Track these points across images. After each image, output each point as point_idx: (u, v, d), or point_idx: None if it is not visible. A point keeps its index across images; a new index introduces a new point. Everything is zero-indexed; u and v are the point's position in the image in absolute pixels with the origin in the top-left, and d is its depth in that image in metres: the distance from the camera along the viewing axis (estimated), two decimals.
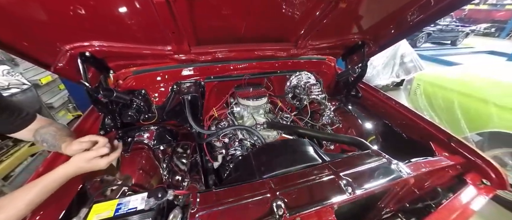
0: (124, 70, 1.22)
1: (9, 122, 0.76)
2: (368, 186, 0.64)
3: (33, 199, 0.56)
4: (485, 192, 0.79)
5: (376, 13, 1.11)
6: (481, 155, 0.87)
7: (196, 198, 0.60)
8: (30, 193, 0.57)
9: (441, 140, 1.00)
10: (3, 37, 0.65)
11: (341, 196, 0.61)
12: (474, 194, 0.79)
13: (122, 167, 1.00)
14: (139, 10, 0.75)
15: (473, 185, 0.82)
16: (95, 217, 0.60)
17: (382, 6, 1.07)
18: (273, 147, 0.94)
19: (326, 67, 1.69)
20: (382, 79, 3.63)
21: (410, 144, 1.16)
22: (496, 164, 0.84)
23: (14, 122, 0.77)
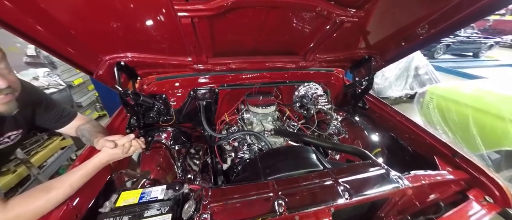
0: (148, 77, 1.37)
1: (56, 120, 0.91)
2: (365, 193, 0.70)
3: (76, 182, 0.69)
4: (488, 209, 0.80)
5: (382, 29, 1.17)
6: (486, 172, 0.88)
7: (208, 192, 0.69)
8: (74, 177, 0.69)
9: (445, 155, 1.01)
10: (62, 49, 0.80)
11: (338, 200, 0.66)
12: (476, 210, 0.80)
13: (142, 163, 1.13)
14: (167, 28, 0.88)
15: (475, 201, 0.83)
16: (123, 202, 0.71)
17: (388, 23, 1.12)
18: (278, 152, 1.02)
19: (335, 78, 1.75)
20: (394, 91, 3.57)
21: (415, 158, 1.18)
22: (501, 181, 0.85)
23: (60, 120, 0.92)
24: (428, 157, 1.08)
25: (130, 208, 0.69)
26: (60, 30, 0.76)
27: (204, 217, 0.59)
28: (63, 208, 0.67)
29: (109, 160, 0.76)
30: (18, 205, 0.58)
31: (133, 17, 0.81)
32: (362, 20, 0.95)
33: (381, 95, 3.46)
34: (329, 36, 1.10)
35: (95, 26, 0.82)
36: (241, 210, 0.63)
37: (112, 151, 0.75)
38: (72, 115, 0.96)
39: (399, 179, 0.76)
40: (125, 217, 0.66)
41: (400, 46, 1.23)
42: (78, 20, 0.78)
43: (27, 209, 0.59)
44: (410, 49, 1.25)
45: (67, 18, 0.75)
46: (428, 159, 1.08)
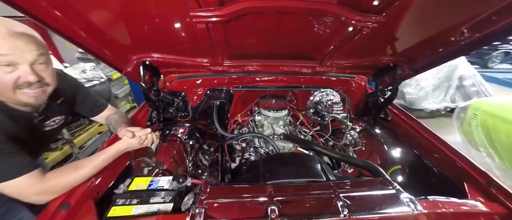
0: (171, 75, 1.50)
1: (91, 109, 1.06)
2: (367, 213, 0.65)
3: (99, 164, 0.79)
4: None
5: (410, 35, 1.07)
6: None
7: (207, 188, 0.72)
8: (97, 160, 0.80)
9: (478, 182, 0.88)
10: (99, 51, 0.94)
11: (335, 216, 0.63)
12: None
13: (158, 154, 1.23)
14: (186, 32, 0.96)
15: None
16: (135, 186, 0.79)
17: (417, 28, 1.01)
18: (282, 157, 1.01)
19: (355, 86, 1.65)
20: (431, 103, 3.19)
21: (442, 181, 1.04)
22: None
23: (94, 109, 1.07)
24: (457, 182, 0.95)
25: (139, 193, 0.77)
26: (99, 35, 0.89)
27: (198, 211, 0.62)
28: (88, 185, 0.78)
29: (127, 148, 0.86)
30: (53, 178, 0.70)
31: (157, 22, 0.89)
32: (383, 25, 0.89)
33: (413, 106, 3.13)
34: (346, 42, 1.05)
35: (126, 31, 0.93)
36: (234, 210, 0.65)
37: (130, 141, 0.85)
38: (104, 106, 1.11)
39: (410, 203, 0.69)
40: (134, 200, 0.74)
41: (432, 54, 1.10)
42: (112, 27, 0.90)
43: (59, 181, 0.70)
44: (445, 58, 1.11)
45: (104, 26, 0.88)
46: (456, 184, 0.95)
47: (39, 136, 0.84)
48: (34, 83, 0.66)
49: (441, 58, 1.09)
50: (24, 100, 0.68)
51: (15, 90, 0.65)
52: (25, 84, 0.65)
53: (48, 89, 0.73)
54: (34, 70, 0.66)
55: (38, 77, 0.67)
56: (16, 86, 0.64)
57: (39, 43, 0.69)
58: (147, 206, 0.72)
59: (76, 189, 0.75)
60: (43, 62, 0.69)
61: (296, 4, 0.80)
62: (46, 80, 0.70)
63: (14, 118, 0.71)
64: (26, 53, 0.64)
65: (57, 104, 0.88)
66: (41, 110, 0.80)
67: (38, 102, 0.72)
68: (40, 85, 0.69)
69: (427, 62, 1.15)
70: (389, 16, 0.83)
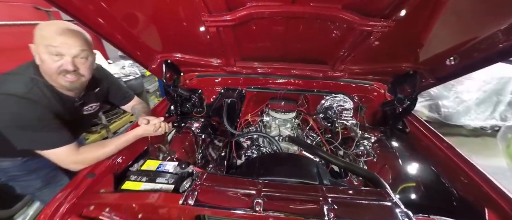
0: (190, 74, 1.64)
1: (121, 99, 1.25)
2: (353, 219, 0.64)
3: (120, 145, 0.94)
4: None
5: (432, 39, 0.98)
6: None
7: (204, 175, 0.80)
8: (119, 141, 0.94)
9: (501, 208, 0.77)
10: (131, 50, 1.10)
11: (319, 218, 0.64)
12: None
13: (172, 143, 1.37)
14: (201, 35, 1.06)
15: None
16: (146, 167, 0.92)
17: (441, 32, 0.93)
18: (279, 156, 1.03)
19: (373, 93, 1.56)
20: (473, 119, 2.78)
21: (460, 204, 0.93)
22: None
23: (123, 99, 1.26)
24: (476, 206, 0.84)
25: (148, 173, 0.88)
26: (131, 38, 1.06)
27: (191, 194, 0.70)
28: (110, 161, 0.93)
29: (143, 133, 0.99)
30: (85, 152, 0.86)
31: (175, 26, 1.02)
32: (395, 30, 0.85)
33: (450, 121, 2.76)
34: (356, 47, 1.03)
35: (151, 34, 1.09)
36: (222, 198, 0.71)
37: (145, 127, 0.98)
38: (131, 97, 1.29)
39: (405, 218, 0.65)
40: (144, 178, 0.86)
41: (459, 61, 0.99)
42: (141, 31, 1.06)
43: (89, 155, 0.86)
44: (476, 65, 0.99)
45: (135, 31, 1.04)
46: (476, 209, 0.84)
47: (79, 118, 1.04)
48: (71, 71, 0.82)
49: (468, 66, 0.97)
50: (62, 83, 0.85)
51: (58, 75, 0.82)
52: (64, 71, 0.82)
53: (82, 78, 0.89)
54: (74, 62, 0.82)
55: (74, 67, 0.83)
56: (59, 71, 0.81)
57: (85, 42, 0.86)
58: (153, 184, 0.83)
59: (101, 163, 0.90)
60: (84, 57, 0.85)
61: (300, 9, 0.83)
62: (81, 71, 0.86)
63: (61, 100, 0.90)
64: (72, 48, 0.81)
65: (94, 93, 1.07)
66: (81, 96, 0.98)
67: (73, 86, 0.89)
68: (75, 74, 0.85)
69: (452, 71, 1.04)
70: (399, 21, 0.80)
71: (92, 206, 0.76)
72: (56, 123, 0.83)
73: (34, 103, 0.79)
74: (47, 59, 0.79)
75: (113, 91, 1.20)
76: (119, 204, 0.77)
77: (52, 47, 0.78)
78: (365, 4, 0.77)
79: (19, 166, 1.04)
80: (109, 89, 1.17)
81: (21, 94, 0.77)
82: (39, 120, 0.79)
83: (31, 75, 0.83)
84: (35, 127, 0.78)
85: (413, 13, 0.79)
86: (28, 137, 0.79)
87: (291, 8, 0.83)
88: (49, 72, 0.82)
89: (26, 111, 0.77)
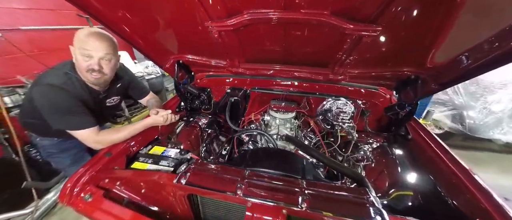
0: (201, 74, 1.79)
1: (139, 93, 1.44)
2: (325, 210, 0.68)
3: (132, 132, 1.09)
4: None
5: (432, 43, 0.96)
6: None
7: (198, 161, 0.90)
8: (132, 128, 1.10)
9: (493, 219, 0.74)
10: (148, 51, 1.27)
11: (292, 206, 0.70)
12: None
13: (180, 135, 1.51)
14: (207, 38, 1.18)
15: None
16: (153, 151, 1.06)
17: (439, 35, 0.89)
18: (268, 151, 1.09)
19: (378, 98, 1.54)
20: (505, 132, 2.50)
21: (454, 215, 0.89)
22: None
23: (141, 94, 1.44)
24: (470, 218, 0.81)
25: (154, 156, 1.02)
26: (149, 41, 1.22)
27: (184, 175, 0.80)
28: (125, 145, 1.09)
29: (152, 123, 1.14)
30: (104, 135, 1.03)
31: (186, 31, 1.16)
32: (390, 34, 0.88)
33: (476, 134, 2.52)
34: (351, 50, 1.06)
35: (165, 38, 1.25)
36: (210, 181, 0.80)
37: (155, 117, 1.13)
38: (148, 92, 1.47)
39: (377, 216, 0.67)
40: (150, 160, 1.00)
41: (462, 65, 0.95)
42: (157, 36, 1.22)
43: (107, 137, 1.03)
44: (478, 70, 0.94)
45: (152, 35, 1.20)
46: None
47: (102, 108, 1.23)
48: (96, 70, 1.01)
49: (472, 70, 0.93)
50: (89, 79, 1.04)
51: (86, 72, 1.01)
52: (91, 70, 1.00)
53: (105, 76, 1.07)
54: (99, 63, 1.00)
55: (99, 67, 1.01)
56: (87, 69, 1.00)
57: (110, 46, 1.03)
58: (156, 166, 0.96)
59: (117, 145, 1.06)
60: (108, 59, 1.03)
61: (292, 15, 0.90)
62: (105, 71, 1.04)
63: (89, 92, 1.09)
64: (99, 52, 0.99)
65: (116, 87, 1.26)
66: (105, 90, 1.17)
67: (98, 82, 1.07)
68: (100, 73, 1.03)
69: (455, 76, 1.00)
70: (389, 25, 0.82)
71: (107, 179, 0.92)
72: (83, 110, 1.01)
73: (67, 92, 0.98)
74: (80, 58, 0.98)
75: (132, 87, 1.38)
76: (128, 179, 0.91)
77: (84, 50, 0.96)
78: (352, 10, 0.81)
79: (55, 145, 1.26)
80: (129, 85, 1.36)
81: (57, 84, 0.97)
82: (70, 106, 0.97)
83: (66, 70, 1.03)
84: (66, 111, 0.97)
85: (402, 18, 0.81)
86: (61, 119, 0.98)
87: (284, 15, 0.90)
88: (80, 69, 1.01)
89: (60, 98, 0.96)
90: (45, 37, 2.21)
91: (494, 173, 2.44)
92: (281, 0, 0.84)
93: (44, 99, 0.96)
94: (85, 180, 0.90)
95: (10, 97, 1.81)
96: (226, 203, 0.84)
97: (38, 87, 0.97)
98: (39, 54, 2.14)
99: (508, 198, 2.10)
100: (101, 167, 0.96)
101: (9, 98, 1.80)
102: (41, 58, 2.08)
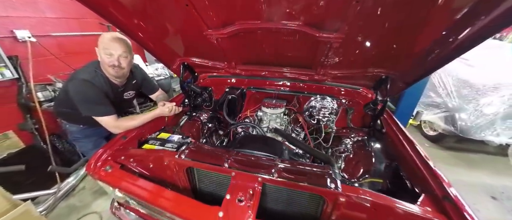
0: (204, 74, 2.03)
1: (150, 89, 1.68)
2: (291, 180, 0.86)
3: (143, 120, 1.32)
4: None
5: (390, 46, 1.10)
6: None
7: (196, 142, 1.11)
8: (144, 117, 1.33)
9: (435, 194, 0.89)
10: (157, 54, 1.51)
11: (266, 175, 0.88)
12: None
13: (183, 127, 1.73)
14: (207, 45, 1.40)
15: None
16: (160, 136, 1.28)
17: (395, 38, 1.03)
18: (255, 137, 1.29)
19: (360, 97, 1.71)
20: (500, 135, 2.55)
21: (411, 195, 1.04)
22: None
23: (151, 90, 1.69)
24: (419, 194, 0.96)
25: (161, 140, 1.24)
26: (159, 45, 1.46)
27: (183, 152, 1.01)
28: (137, 131, 1.32)
29: (160, 113, 1.38)
30: (121, 121, 1.27)
31: (189, 37, 1.39)
32: (351, 40, 1.06)
33: (468, 135, 2.59)
34: (327, 54, 1.24)
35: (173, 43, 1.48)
36: (204, 157, 1.00)
37: (162, 108, 1.36)
38: (157, 88, 1.72)
39: (332, 183, 0.84)
40: (157, 143, 1.21)
41: (419, 63, 1.10)
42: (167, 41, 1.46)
43: (123, 123, 1.27)
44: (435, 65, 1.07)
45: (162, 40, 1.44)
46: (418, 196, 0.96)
47: (121, 100, 1.48)
48: (116, 66, 1.26)
49: (430, 68, 1.09)
50: (111, 73, 1.29)
51: (109, 67, 1.26)
52: (112, 65, 1.25)
53: (124, 70, 1.32)
54: (118, 59, 1.26)
55: (118, 63, 1.26)
56: (109, 65, 1.25)
57: (126, 46, 1.28)
58: (162, 147, 1.18)
59: (132, 131, 1.29)
60: (124, 56, 1.28)
61: (276, 25, 1.10)
62: (122, 65, 1.29)
63: (110, 86, 1.34)
64: (118, 50, 1.24)
65: (132, 83, 1.50)
66: (123, 84, 1.42)
67: (118, 75, 1.32)
68: (118, 67, 1.28)
69: (418, 73, 1.16)
70: (349, 33, 1.01)
71: (123, 156, 1.14)
72: (106, 101, 1.26)
73: (94, 86, 1.23)
74: (103, 57, 1.23)
75: (145, 84, 1.63)
76: (139, 157, 1.13)
77: (106, 50, 1.21)
78: (319, 22, 1.00)
79: (80, 131, 1.52)
80: (142, 82, 1.61)
81: (87, 79, 1.22)
82: (97, 97, 1.22)
83: (95, 68, 1.28)
84: (94, 101, 1.22)
85: (360, 29, 0.99)
86: (88, 107, 1.23)
87: (267, 25, 1.10)
88: (104, 66, 1.26)
89: (89, 90, 1.21)
90: (71, 42, 2.53)
91: (485, 174, 2.49)
92: (265, 13, 1.05)
93: (77, 91, 1.21)
94: (105, 156, 1.13)
95: (42, 92, 2.11)
96: (217, 177, 1.03)
97: (74, 81, 1.23)
98: (66, 56, 2.46)
99: (496, 197, 2.17)
100: (118, 148, 1.18)
101: (41, 94, 2.10)
102: (68, 60, 2.40)
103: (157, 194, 0.93)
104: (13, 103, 2.07)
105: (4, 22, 1.98)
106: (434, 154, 2.91)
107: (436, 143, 3.11)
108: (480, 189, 2.27)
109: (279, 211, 0.98)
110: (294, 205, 0.97)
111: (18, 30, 2.04)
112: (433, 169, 1.00)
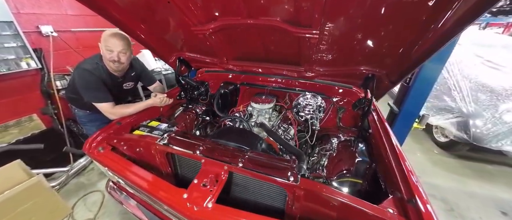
0: (202, 69, 2.12)
1: (148, 81, 1.81)
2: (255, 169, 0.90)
3: (137, 108, 1.44)
4: None
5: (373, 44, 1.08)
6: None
7: (179, 131, 1.19)
8: (137, 105, 1.45)
9: (402, 197, 0.87)
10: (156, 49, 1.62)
11: (232, 164, 0.93)
12: None
13: (177, 118, 1.84)
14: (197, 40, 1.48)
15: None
16: (151, 124, 1.39)
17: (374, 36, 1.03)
18: (232, 130, 1.34)
19: (351, 96, 1.67)
20: None
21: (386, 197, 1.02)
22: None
23: (150, 82, 1.81)
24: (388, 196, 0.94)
25: (150, 127, 1.35)
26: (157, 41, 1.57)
27: (163, 138, 1.10)
28: (131, 118, 1.44)
29: (152, 103, 1.49)
30: (117, 108, 1.40)
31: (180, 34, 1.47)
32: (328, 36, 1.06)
33: (481, 144, 2.39)
34: (310, 50, 1.24)
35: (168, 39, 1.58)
36: (181, 143, 1.08)
37: (154, 99, 1.48)
38: (155, 81, 1.85)
39: (291, 177, 0.86)
40: (146, 129, 1.32)
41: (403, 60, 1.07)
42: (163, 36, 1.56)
43: (119, 111, 1.40)
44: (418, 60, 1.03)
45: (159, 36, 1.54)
46: None
47: (120, 90, 1.62)
48: (116, 61, 1.38)
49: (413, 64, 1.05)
50: (112, 67, 1.42)
51: (109, 62, 1.38)
52: (112, 60, 1.37)
53: (123, 65, 1.45)
54: (118, 55, 1.37)
55: (118, 58, 1.38)
56: (109, 60, 1.37)
57: (126, 43, 1.39)
58: (150, 134, 1.28)
59: (126, 118, 1.42)
60: (123, 52, 1.39)
61: (254, 21, 1.14)
62: (122, 60, 1.41)
63: (111, 77, 1.48)
64: (117, 47, 1.35)
65: (131, 75, 1.64)
66: (122, 76, 1.55)
67: (117, 69, 1.45)
68: (118, 62, 1.40)
69: (403, 70, 1.12)
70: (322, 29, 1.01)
71: (115, 140, 1.26)
72: (105, 89, 1.40)
73: (95, 75, 1.37)
74: (104, 52, 1.36)
75: (143, 75, 1.76)
76: (129, 141, 1.25)
77: (107, 46, 1.34)
78: (294, 18, 1.02)
79: (86, 116, 1.69)
80: (141, 74, 1.74)
81: (89, 69, 1.36)
82: (96, 85, 1.36)
83: (97, 61, 1.42)
84: (93, 89, 1.36)
85: (332, 25, 0.98)
86: (89, 93, 1.37)
87: (248, 21, 1.14)
88: (105, 60, 1.39)
89: (90, 79, 1.35)
90: (88, 37, 2.78)
91: (498, 187, 2.29)
92: (245, 9, 1.09)
93: (80, 78, 1.37)
94: (100, 139, 1.26)
95: (61, 81, 2.37)
96: (195, 164, 1.10)
97: (78, 70, 1.39)
98: (83, 50, 2.71)
99: (507, 212, 1.99)
100: (113, 131, 1.31)
101: (59, 82, 2.36)
102: (84, 53, 2.64)
103: (136, 174, 1.03)
104: (37, 90, 2.36)
105: (31, 19, 2.24)
106: (442, 162, 2.72)
107: (447, 150, 2.90)
108: (490, 203, 2.09)
109: (248, 201, 1.03)
110: (263, 196, 1.01)
111: (43, 25, 2.31)
112: (406, 171, 0.97)
